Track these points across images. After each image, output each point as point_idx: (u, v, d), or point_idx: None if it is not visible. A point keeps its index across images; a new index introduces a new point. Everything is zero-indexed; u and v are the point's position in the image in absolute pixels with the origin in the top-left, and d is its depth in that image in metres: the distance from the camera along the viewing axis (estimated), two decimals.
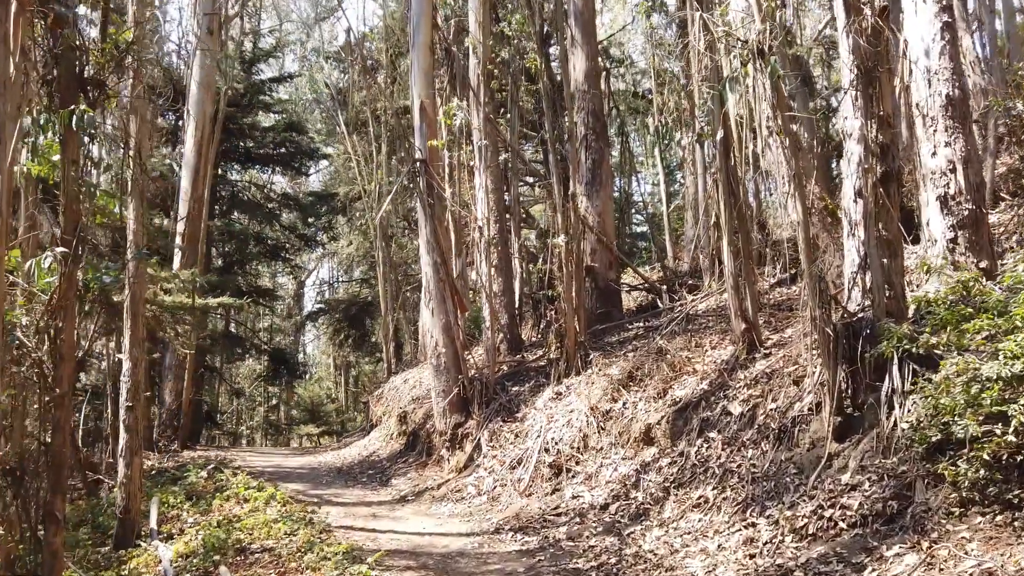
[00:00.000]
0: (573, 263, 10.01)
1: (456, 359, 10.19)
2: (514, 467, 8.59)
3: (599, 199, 11.70)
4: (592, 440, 8.29)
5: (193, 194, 17.16)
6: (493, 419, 9.60)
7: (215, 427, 25.45)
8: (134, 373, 7.60)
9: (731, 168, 8.12)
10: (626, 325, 10.89)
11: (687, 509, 6.52)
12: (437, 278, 10.33)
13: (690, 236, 13.40)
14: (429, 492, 9.16)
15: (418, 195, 10.49)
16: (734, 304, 7.99)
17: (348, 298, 27.66)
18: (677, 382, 8.20)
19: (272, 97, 25.17)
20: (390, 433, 12.87)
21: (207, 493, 8.52)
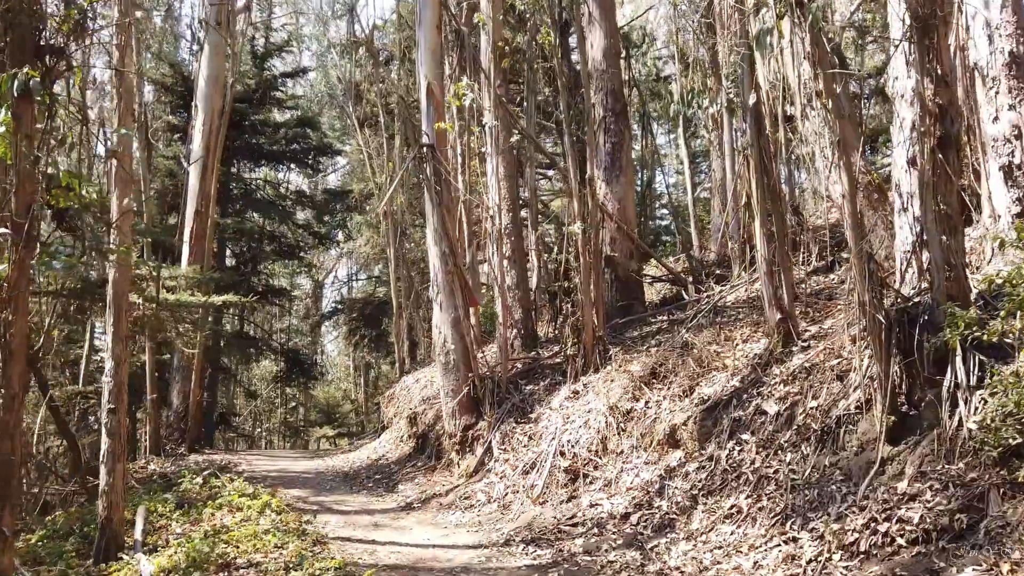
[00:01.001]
0: (591, 253, 9.35)
1: (466, 356, 9.58)
2: (527, 472, 7.96)
3: (619, 185, 11.03)
4: (612, 443, 7.64)
5: (201, 190, 16.74)
6: (505, 420, 8.98)
7: (230, 429, 25.12)
8: (117, 373, 7.05)
9: (763, 142, 7.43)
10: (648, 319, 10.22)
11: (718, 520, 5.84)
12: (445, 270, 9.72)
13: (717, 224, 12.67)
14: (436, 499, 8.56)
15: (424, 182, 9.90)
16: (768, 292, 7.29)
17: (364, 297, 27.20)
18: (705, 379, 7.52)
19: (285, 93, 24.80)
20: (400, 436, 12.30)
21: (200, 501, 7.98)
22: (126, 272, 7.31)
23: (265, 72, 23.40)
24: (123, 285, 7.26)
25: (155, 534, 7.12)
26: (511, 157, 11.72)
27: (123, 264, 7.28)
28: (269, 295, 24.11)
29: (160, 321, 11.75)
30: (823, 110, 5.83)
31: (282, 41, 25.12)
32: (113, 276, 7.24)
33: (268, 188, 24.53)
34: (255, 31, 24.58)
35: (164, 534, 7.19)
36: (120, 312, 7.21)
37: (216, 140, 17.26)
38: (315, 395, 29.04)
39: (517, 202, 11.71)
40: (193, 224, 16.50)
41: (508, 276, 11.20)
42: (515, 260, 11.36)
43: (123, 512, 6.93)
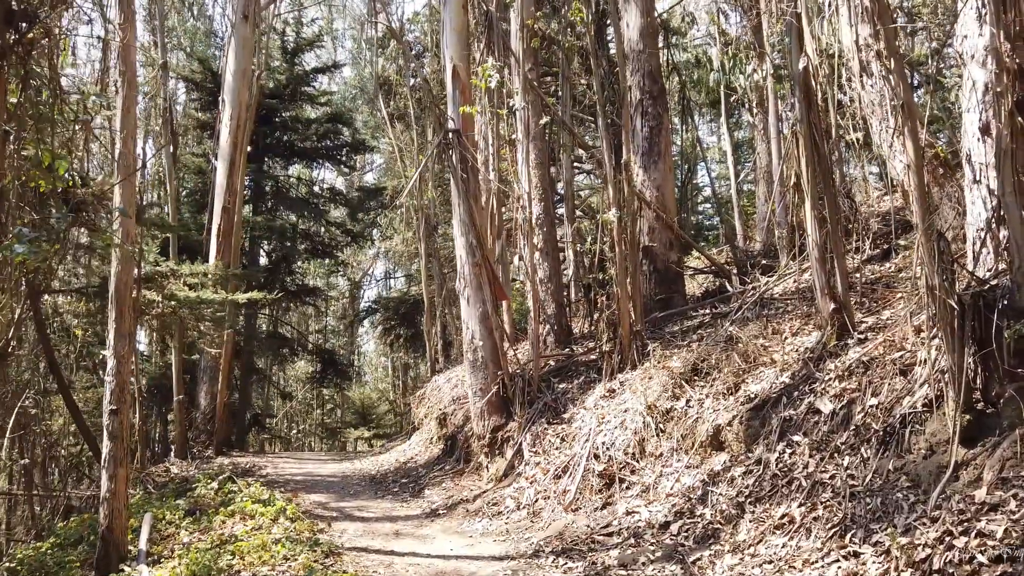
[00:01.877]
0: (627, 242, 8.85)
1: (495, 353, 9.15)
2: (559, 476, 7.50)
3: (657, 171, 10.49)
4: (650, 445, 7.14)
5: (228, 186, 16.60)
6: (537, 421, 8.54)
7: (263, 431, 25.10)
8: (119, 372, 6.80)
9: (813, 117, 6.86)
10: (689, 312, 9.67)
11: (767, 531, 5.31)
12: (472, 262, 9.31)
13: (763, 213, 12.04)
14: (463, 505, 8.15)
15: (450, 169, 9.51)
16: (820, 281, 6.72)
17: (399, 296, 26.99)
18: (751, 375, 6.97)
19: (316, 89, 24.70)
20: (430, 437, 11.94)
21: (212, 507, 7.70)
22: (129, 265, 7.05)
23: (296, 68, 23.29)
24: (126, 279, 7.00)
25: (162, 543, 6.85)
26: (543, 144, 11.26)
27: (125, 256, 7.02)
28: (302, 294, 24.01)
29: (181, 319, 11.59)
30: (883, 72, 5.28)
31: (313, 36, 24.98)
32: (115, 269, 6.99)
33: (301, 186, 24.43)
34: (286, 26, 24.55)
35: (172, 543, 6.91)
36: (123, 307, 6.95)
37: (243, 135, 17.11)
38: (350, 396, 28.93)
39: (550, 191, 11.26)
40: (220, 221, 16.37)
41: (540, 269, 10.76)
42: (547, 252, 10.91)
43: (125, 520, 6.66)
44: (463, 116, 9.51)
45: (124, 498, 6.75)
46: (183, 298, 11.06)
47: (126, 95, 7.28)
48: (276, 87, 22.41)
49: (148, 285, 11.49)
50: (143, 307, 11.26)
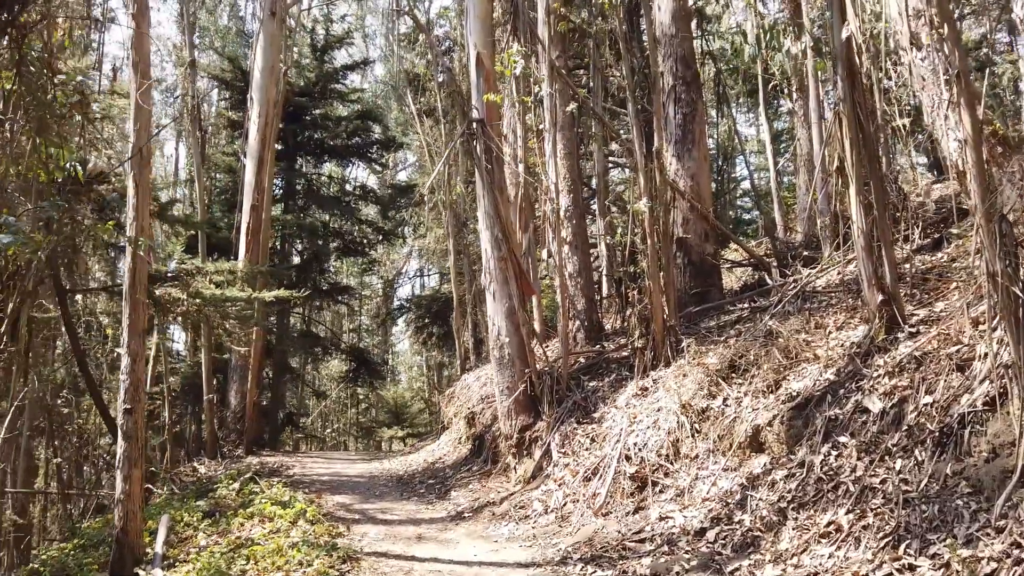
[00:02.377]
0: (659, 233, 8.49)
1: (522, 350, 8.85)
2: (588, 479, 7.18)
3: (691, 160, 10.09)
4: (685, 446, 6.78)
5: (257, 184, 16.55)
6: (566, 420, 8.22)
7: (297, 430, 25.13)
8: (133, 370, 6.64)
9: (857, 96, 6.44)
10: (726, 307, 9.27)
11: (812, 539, 4.94)
12: (498, 256, 9.03)
13: (804, 203, 11.55)
14: (489, 508, 7.86)
15: (474, 160, 9.23)
16: (866, 271, 6.30)
17: (431, 294, 26.83)
18: (793, 372, 6.57)
19: (347, 86, 24.61)
20: (459, 437, 11.68)
21: (232, 509, 7.53)
22: (142, 261, 6.90)
23: (325, 65, 23.24)
24: (139, 274, 6.85)
25: (179, 546, 6.68)
26: (571, 134, 10.93)
27: (138, 252, 6.87)
28: (334, 293, 23.98)
29: (207, 317, 11.50)
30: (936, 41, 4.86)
31: (342, 33, 24.92)
32: (128, 263, 6.84)
33: (333, 185, 24.38)
34: (315, 23, 24.52)
35: (189, 546, 6.73)
36: (136, 304, 6.80)
37: (271, 132, 17.06)
38: (383, 395, 28.86)
39: (579, 182, 10.92)
40: (249, 219, 16.34)
41: (569, 263, 10.43)
42: (577, 246, 10.57)
43: (140, 522, 6.51)
44: (487, 105, 9.23)
45: (139, 500, 6.60)
46: (209, 296, 10.96)
47: (139, 85, 7.14)
48: (306, 85, 22.37)
49: (174, 283, 11.45)
50: (168, 305, 11.22)
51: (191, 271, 11.71)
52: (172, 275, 11.51)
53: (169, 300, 11.08)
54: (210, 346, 15.19)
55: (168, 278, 11.46)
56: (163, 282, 11.37)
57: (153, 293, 11.19)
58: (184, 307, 11.05)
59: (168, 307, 11.11)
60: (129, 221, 6.98)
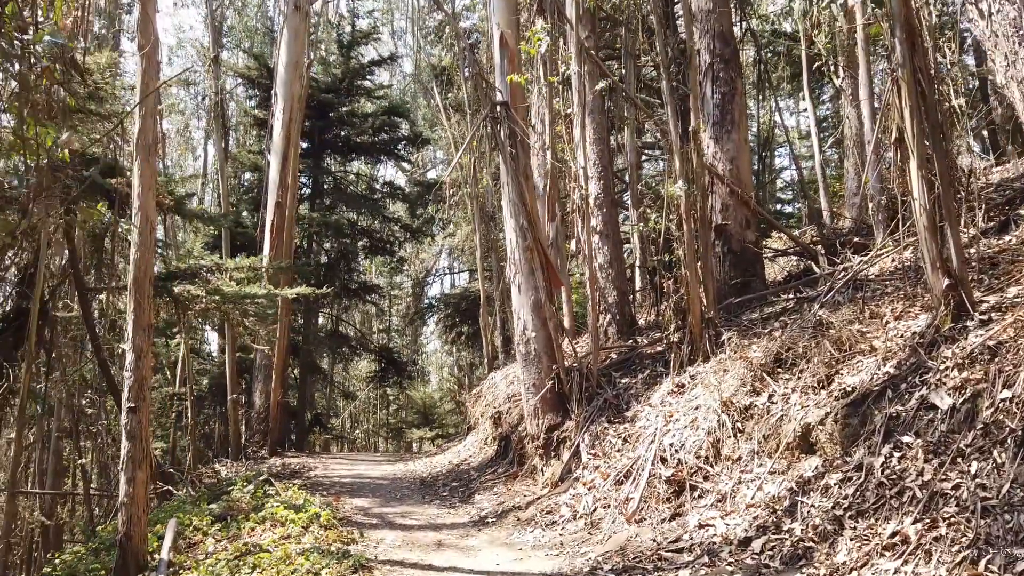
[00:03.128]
0: (696, 219, 7.96)
1: (549, 345, 8.38)
2: (620, 482, 6.68)
3: (730, 142, 9.53)
4: (726, 447, 6.25)
5: (281, 181, 16.31)
6: (596, 419, 7.72)
7: (325, 431, 24.93)
8: (138, 367, 6.31)
9: (918, 59, 5.87)
10: (770, 298, 8.69)
11: (874, 552, 4.40)
12: (524, 246, 8.56)
13: (852, 188, 10.90)
14: (514, 512, 7.40)
15: (498, 146, 8.78)
16: (930, 253, 5.71)
17: (460, 292, 26.46)
18: (847, 365, 6.01)
19: (373, 82, 24.36)
20: (485, 437, 11.25)
21: (245, 513, 7.16)
22: (148, 251, 6.56)
23: (351, 61, 22.98)
24: (144, 266, 6.51)
25: (186, 552, 6.33)
26: (602, 118, 10.43)
27: (144, 243, 6.54)
28: (362, 292, 23.74)
29: (228, 315, 11.22)
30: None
31: (369, 28, 24.67)
32: (133, 256, 6.51)
33: (360, 182, 24.13)
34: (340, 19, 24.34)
35: (198, 551, 6.38)
36: (142, 297, 6.47)
37: (295, 129, 16.81)
38: (412, 396, 28.58)
39: (609, 169, 10.41)
40: (273, 216, 16.10)
41: (599, 254, 9.93)
42: (607, 235, 10.07)
43: (145, 527, 6.16)
44: (511, 87, 8.78)
45: (144, 503, 6.26)
46: (228, 293, 10.67)
47: (145, 69, 6.81)
48: (332, 81, 22.15)
49: (193, 280, 11.19)
50: (187, 302, 10.96)
51: (210, 267, 11.44)
52: (191, 272, 11.25)
53: (188, 297, 10.81)
54: (234, 345, 14.98)
55: (186, 275, 11.21)
56: (181, 279, 11.12)
57: (172, 290, 10.96)
58: (203, 304, 10.77)
59: (187, 305, 10.85)
60: (134, 210, 6.66)
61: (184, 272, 11.30)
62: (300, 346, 21.20)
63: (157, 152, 6.98)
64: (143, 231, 6.56)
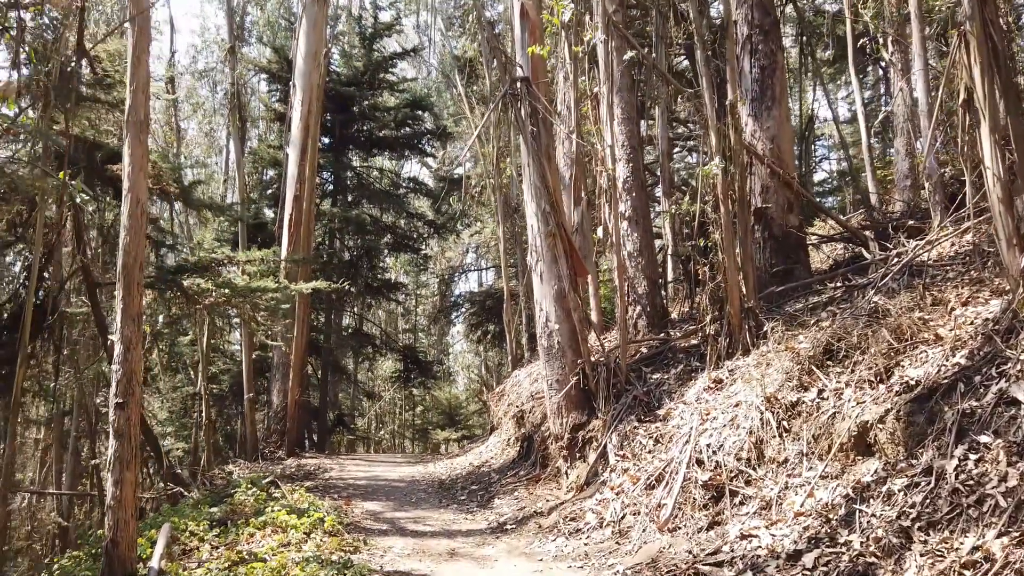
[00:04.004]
0: (734, 200, 7.35)
1: (573, 338, 7.81)
2: (652, 486, 6.10)
3: (770, 120, 8.89)
4: (770, 448, 5.64)
5: (299, 174, 15.97)
6: (624, 418, 7.14)
7: (348, 432, 24.57)
8: (126, 360, 5.86)
9: (988, 10, 5.24)
10: (814, 286, 8.04)
11: (950, 570, 3.80)
12: (546, 231, 8.01)
13: (903, 171, 10.17)
14: (536, 519, 6.85)
15: (519, 124, 8.25)
16: (1005, 228, 5.08)
17: (485, 290, 25.96)
18: (908, 356, 5.37)
19: (396, 75, 23.98)
20: (508, 438, 10.72)
21: (246, 517, 6.70)
22: (139, 238, 6.12)
23: (374, 53, 22.59)
24: (135, 252, 6.07)
25: (180, 559, 5.88)
26: (630, 96, 9.84)
27: (135, 227, 6.10)
28: (385, 290, 23.35)
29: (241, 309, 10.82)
30: None
31: (391, 20, 24.25)
32: (123, 241, 6.08)
33: (383, 178, 23.75)
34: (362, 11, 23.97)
35: (192, 559, 5.92)
36: (132, 284, 6.03)
37: (314, 120, 16.45)
38: (437, 396, 28.13)
39: (639, 151, 9.82)
40: (292, 210, 15.77)
41: (628, 241, 9.34)
42: (637, 221, 9.47)
43: (134, 533, 5.71)
44: (532, 60, 8.24)
45: (132, 506, 5.80)
46: (239, 287, 10.27)
47: (136, 42, 6.39)
48: (353, 74, 21.80)
49: (204, 274, 10.83)
50: (196, 296, 10.58)
51: (222, 260, 11.07)
52: (202, 265, 10.88)
53: (197, 291, 10.44)
54: (251, 342, 14.63)
55: (198, 268, 10.84)
56: (192, 272, 10.75)
57: (181, 284, 10.60)
58: (212, 298, 10.38)
59: (195, 298, 10.47)
60: (124, 192, 6.23)
61: (195, 265, 10.94)
62: (322, 345, 20.87)
63: (149, 130, 6.55)
64: (133, 214, 6.12)
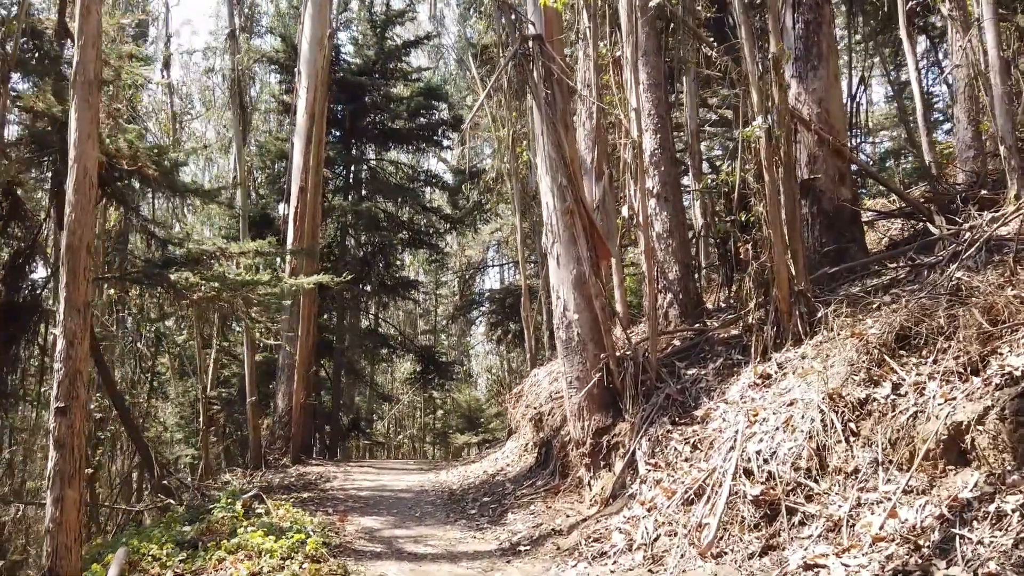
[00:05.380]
0: (781, 165, 6.40)
1: (595, 329, 6.89)
2: (691, 502, 5.17)
3: (817, 80, 7.91)
4: (835, 455, 4.69)
5: (305, 164, 15.23)
6: (656, 420, 6.21)
7: (364, 436, 23.80)
8: (70, 356, 5.06)
9: None
10: (872, 267, 7.04)
11: None
12: (563, 208, 7.11)
13: (965, 140, 9.13)
14: (554, 538, 5.95)
15: (531, 88, 7.35)
16: None
17: (505, 287, 25.07)
18: (1008, 341, 4.41)
19: (409, 64, 23.21)
20: (525, 443, 9.84)
21: (222, 536, 5.87)
22: (87, 215, 5.31)
23: (386, 42, 21.83)
24: (80, 232, 5.26)
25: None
26: (658, 61, 8.90)
27: (81, 202, 5.28)
28: (400, 288, 22.57)
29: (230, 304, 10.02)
30: None
31: (405, 5, 23.45)
32: (68, 219, 5.27)
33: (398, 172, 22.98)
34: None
35: None
36: (77, 269, 5.23)
37: (320, 106, 15.70)
38: (457, 399, 27.28)
39: (667, 120, 8.87)
40: (297, 203, 15.03)
41: (657, 220, 8.41)
42: (666, 198, 8.53)
43: (78, 561, 4.90)
44: (546, 15, 7.36)
45: (75, 530, 4.99)
46: (228, 280, 9.48)
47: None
48: (364, 63, 21.08)
49: (194, 268, 10.07)
50: (184, 290, 9.81)
51: (213, 252, 10.29)
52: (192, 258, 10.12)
53: (185, 286, 9.66)
54: (253, 342, 13.88)
55: (187, 261, 10.08)
56: (181, 266, 9.99)
57: (168, 278, 9.84)
58: (201, 293, 9.59)
59: (183, 293, 9.69)
60: (71, 161, 5.43)
61: (184, 258, 10.18)
62: (334, 345, 20.13)
63: (100, 92, 5.75)
64: (80, 187, 5.32)
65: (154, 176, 8.65)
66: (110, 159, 8.24)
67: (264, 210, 19.16)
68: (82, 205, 5.27)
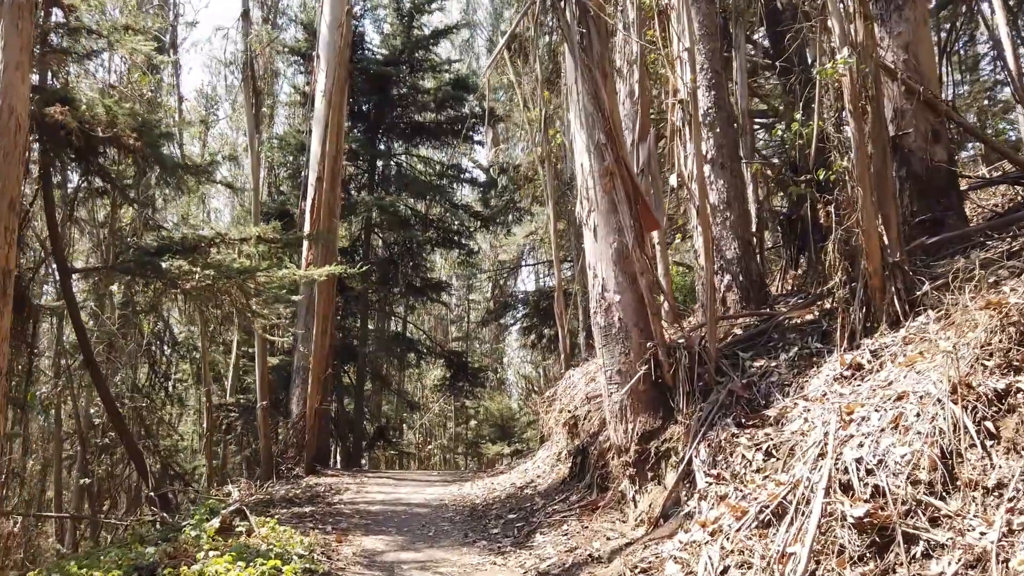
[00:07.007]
0: (870, 111, 5.28)
1: (640, 312, 5.80)
2: (767, 523, 4.06)
3: (903, 23, 6.76)
4: (968, 465, 3.56)
5: (322, 153, 14.41)
6: (717, 422, 5.10)
7: (390, 446, 22.88)
8: None
9: None
10: (976, 237, 5.84)
11: None
12: (602, 168, 6.05)
13: None
14: (591, 567, 4.86)
15: (562, 29, 6.32)
16: None
17: (538, 289, 24.02)
18: None
19: (438, 56, 22.42)
20: (558, 452, 8.78)
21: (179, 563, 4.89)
22: (13, 167, 4.40)
23: (413, 31, 21.06)
24: (6, 181, 4.35)
25: None
26: (710, 9, 7.81)
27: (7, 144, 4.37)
28: (428, 290, 21.70)
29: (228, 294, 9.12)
30: None
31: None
32: None
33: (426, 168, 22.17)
34: None
35: None
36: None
37: (339, 91, 14.86)
38: (489, 408, 26.24)
39: (723, 75, 7.77)
40: (314, 193, 14.22)
41: (712, 190, 7.29)
42: (723, 164, 7.41)
43: None
44: None
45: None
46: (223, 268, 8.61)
47: None
48: (391, 54, 20.32)
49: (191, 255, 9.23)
50: (178, 279, 8.96)
51: (211, 239, 9.44)
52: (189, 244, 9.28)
53: (177, 274, 8.81)
54: (264, 343, 13.03)
55: (183, 248, 9.24)
56: (175, 253, 9.15)
57: (159, 266, 9.01)
58: (194, 282, 8.72)
59: (177, 281, 8.84)
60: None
61: (179, 244, 9.34)
62: (356, 349, 19.31)
63: (32, 16, 4.87)
64: (5, 130, 4.41)
65: (136, 147, 7.78)
66: (85, 127, 7.40)
67: (284, 206, 18.47)
68: (5, 151, 4.37)
